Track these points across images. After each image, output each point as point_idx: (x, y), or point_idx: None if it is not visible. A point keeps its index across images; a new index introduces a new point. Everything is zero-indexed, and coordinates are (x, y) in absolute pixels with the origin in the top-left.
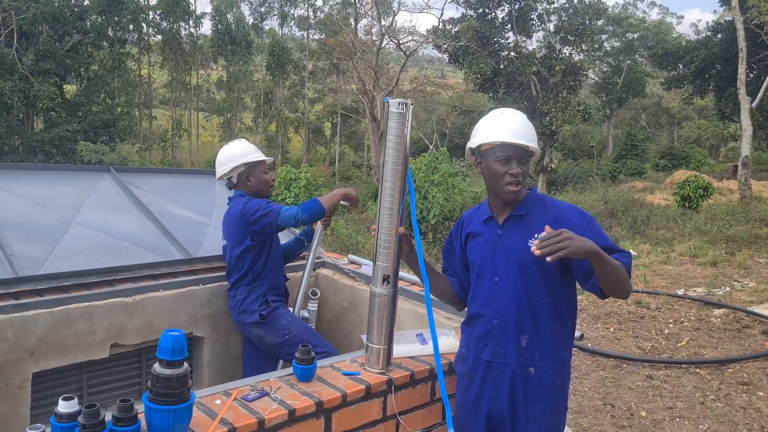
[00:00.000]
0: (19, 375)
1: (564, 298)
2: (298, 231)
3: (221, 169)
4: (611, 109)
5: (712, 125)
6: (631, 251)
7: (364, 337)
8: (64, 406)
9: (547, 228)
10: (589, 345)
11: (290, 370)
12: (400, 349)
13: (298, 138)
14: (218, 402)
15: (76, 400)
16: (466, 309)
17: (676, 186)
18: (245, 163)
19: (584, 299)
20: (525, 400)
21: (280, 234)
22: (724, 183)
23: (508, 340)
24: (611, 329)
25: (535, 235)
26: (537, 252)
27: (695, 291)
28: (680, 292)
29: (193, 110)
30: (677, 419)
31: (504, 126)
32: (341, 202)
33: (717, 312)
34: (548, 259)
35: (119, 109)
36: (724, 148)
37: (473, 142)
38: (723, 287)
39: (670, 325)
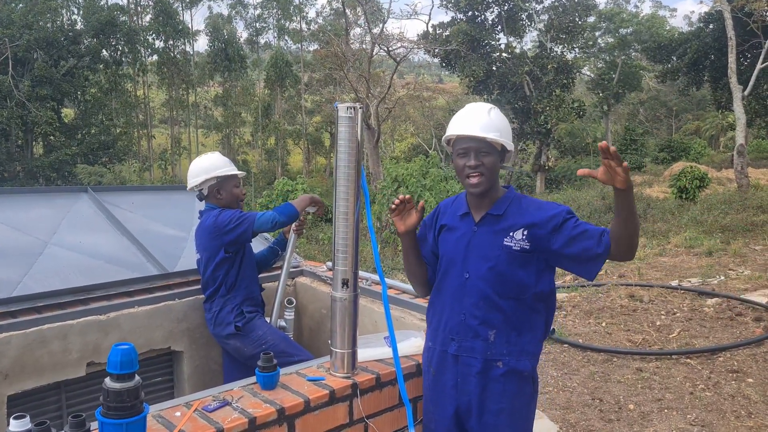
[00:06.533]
0: None
1: (537, 294)
2: (271, 240)
3: (193, 180)
4: (608, 105)
5: (710, 116)
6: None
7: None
8: (15, 425)
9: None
10: (580, 341)
11: (254, 378)
12: (367, 353)
13: (297, 150)
14: (178, 414)
15: (27, 419)
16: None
17: (673, 178)
18: (217, 177)
19: (577, 296)
20: (493, 392)
21: (253, 243)
22: (723, 173)
23: (475, 335)
24: (603, 324)
25: (511, 234)
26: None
27: (690, 281)
28: (674, 283)
29: (192, 128)
30: (665, 410)
31: (464, 119)
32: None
33: (710, 301)
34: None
35: (117, 130)
36: (723, 137)
37: (443, 138)
38: (718, 276)
39: (663, 317)
